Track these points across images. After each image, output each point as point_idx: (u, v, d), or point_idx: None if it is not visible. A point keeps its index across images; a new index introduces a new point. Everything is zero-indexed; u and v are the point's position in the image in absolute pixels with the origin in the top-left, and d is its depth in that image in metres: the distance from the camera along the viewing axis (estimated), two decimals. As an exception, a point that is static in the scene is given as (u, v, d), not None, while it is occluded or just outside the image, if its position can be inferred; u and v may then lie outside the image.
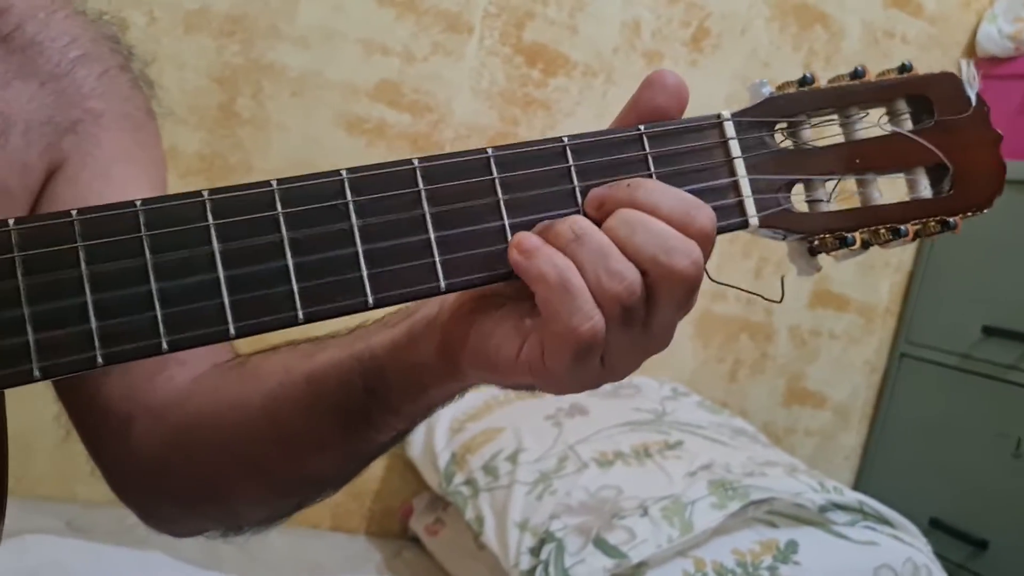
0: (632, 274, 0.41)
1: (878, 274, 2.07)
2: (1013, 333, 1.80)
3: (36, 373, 0.39)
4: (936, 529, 1.84)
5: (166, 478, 0.59)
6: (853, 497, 1.29)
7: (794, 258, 0.48)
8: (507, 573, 1.24)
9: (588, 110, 1.78)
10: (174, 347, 0.40)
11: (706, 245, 0.42)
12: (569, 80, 1.77)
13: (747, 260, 1.90)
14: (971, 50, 2.06)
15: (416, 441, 1.57)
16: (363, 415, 0.51)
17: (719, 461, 1.34)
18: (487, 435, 1.48)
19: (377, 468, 1.73)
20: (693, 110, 0.48)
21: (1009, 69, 1.96)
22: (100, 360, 0.40)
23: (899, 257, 2.09)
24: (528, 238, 0.42)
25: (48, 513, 1.42)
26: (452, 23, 1.68)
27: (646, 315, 0.42)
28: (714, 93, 1.87)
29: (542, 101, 1.76)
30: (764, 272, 1.91)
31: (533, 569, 1.16)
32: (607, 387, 0.50)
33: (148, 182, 0.60)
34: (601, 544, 1.15)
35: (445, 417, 1.57)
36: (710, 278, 0.46)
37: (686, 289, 0.42)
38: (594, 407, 1.52)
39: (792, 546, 1.21)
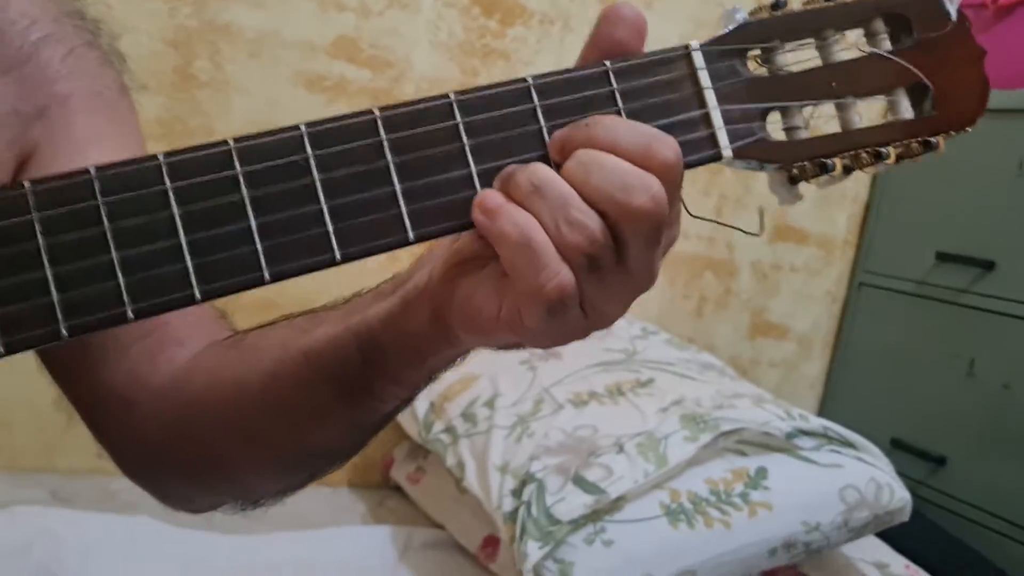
0: (593, 221, 0.40)
1: (835, 206, 2.12)
2: (965, 258, 1.86)
3: (0, 349, 0.38)
4: (897, 449, 1.92)
5: (173, 458, 0.59)
6: (818, 423, 1.34)
7: (775, 188, 0.47)
8: (490, 515, 1.28)
9: (547, 58, 1.79)
10: (140, 314, 0.39)
11: (670, 177, 0.41)
12: (527, 29, 1.77)
13: (707, 199, 1.94)
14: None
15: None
16: (364, 386, 0.50)
17: (689, 396, 1.38)
18: (464, 383, 1.52)
19: (356, 421, 1.76)
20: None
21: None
22: (65, 332, 0.39)
23: (855, 189, 2.14)
24: (490, 197, 0.41)
25: (31, 484, 1.43)
26: (406, -25, 1.67)
27: (617, 258, 0.41)
28: (669, 35, 1.88)
29: (501, 51, 1.76)
30: (724, 210, 1.95)
31: (516, 510, 1.20)
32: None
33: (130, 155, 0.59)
34: (580, 482, 1.19)
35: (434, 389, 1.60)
36: (689, 212, 0.45)
37: (651, 226, 0.40)
38: (567, 350, 1.56)
39: (762, 472, 1.26)
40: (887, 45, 0.47)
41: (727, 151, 0.45)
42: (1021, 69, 1.81)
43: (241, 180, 0.40)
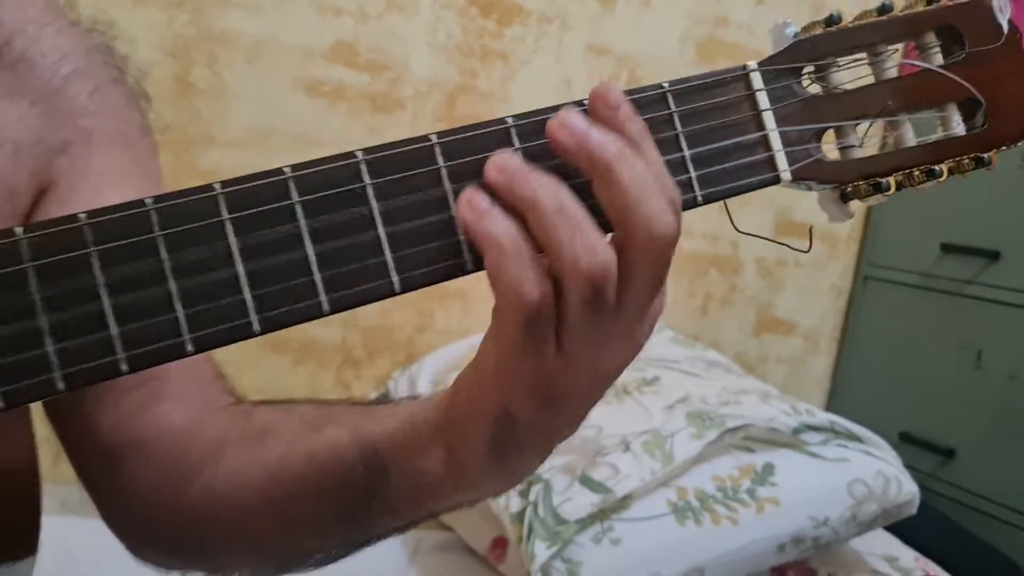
0: (607, 252, 0.38)
1: (838, 200, 2.11)
2: (969, 248, 1.85)
3: (60, 385, 0.37)
4: (906, 442, 1.91)
5: (156, 526, 0.58)
6: (824, 418, 1.33)
7: (825, 205, 0.47)
8: (497, 516, 1.28)
9: (545, 57, 1.79)
10: (200, 347, 0.38)
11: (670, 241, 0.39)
12: (524, 28, 1.77)
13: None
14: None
15: (400, 395, 1.60)
16: (364, 506, 0.49)
17: (695, 393, 1.38)
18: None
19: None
20: (649, 51, 0.46)
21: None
22: (125, 367, 0.37)
23: (858, 182, 2.13)
24: (479, 199, 0.39)
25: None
26: (403, -22, 1.67)
27: (618, 296, 0.39)
28: (669, 32, 1.88)
29: (499, 52, 1.76)
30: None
31: (523, 511, 1.20)
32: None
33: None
34: (587, 481, 1.19)
35: (427, 370, 1.60)
36: (736, 228, 0.46)
37: (663, 261, 0.39)
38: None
39: (769, 468, 1.26)
40: (939, 59, 0.47)
41: (786, 174, 0.44)
42: None
43: (298, 210, 0.39)
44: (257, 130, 1.61)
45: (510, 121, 0.41)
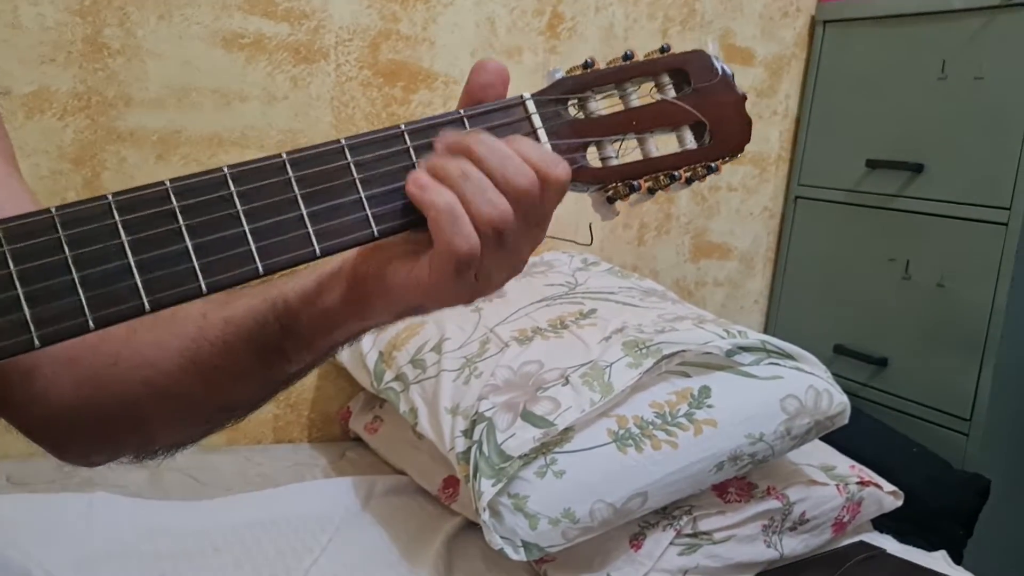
0: (503, 203, 0.50)
1: (767, 123, 2.14)
2: (894, 163, 1.90)
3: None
4: (841, 355, 1.98)
5: (82, 415, 0.63)
6: (756, 338, 1.37)
7: (596, 206, 0.59)
8: (446, 456, 1.31)
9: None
10: (99, 324, 0.47)
11: (558, 186, 0.52)
12: (442, -32, 1.75)
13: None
14: None
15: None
16: (279, 350, 0.58)
17: (631, 323, 1.40)
18: (411, 330, 1.53)
19: (311, 378, 1.78)
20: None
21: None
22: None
23: (785, 104, 2.16)
24: (423, 176, 0.51)
25: (-15, 472, 1.43)
26: (314, -77, 1.63)
27: (512, 236, 0.51)
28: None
29: (418, -7, 1.74)
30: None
31: (468, 450, 1.22)
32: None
33: (2, 154, 0.62)
34: (528, 417, 1.22)
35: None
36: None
37: (536, 214, 0.52)
38: (510, 289, 1.57)
39: (705, 391, 1.29)
40: (672, 92, 0.60)
41: None
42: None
43: (178, 212, 0.49)
44: (176, 89, 1.58)
45: (343, 141, 0.52)
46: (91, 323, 0.47)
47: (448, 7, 1.76)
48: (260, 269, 0.50)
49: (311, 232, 0.51)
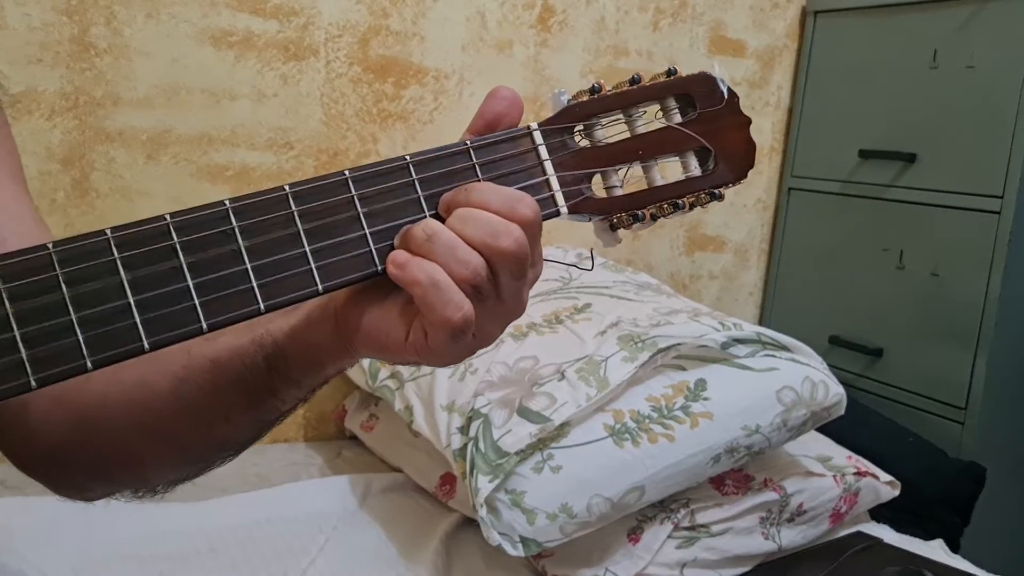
0: (475, 259, 0.49)
1: (759, 115, 2.14)
2: (886, 153, 1.89)
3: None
4: (836, 346, 1.98)
5: (75, 453, 0.62)
6: (751, 330, 1.37)
7: (599, 234, 0.58)
8: (442, 454, 1.30)
9: (455, -8, 1.76)
10: (98, 365, 0.46)
11: (531, 228, 0.50)
12: (431, -37, 1.74)
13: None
14: None
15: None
16: (268, 389, 0.57)
17: (626, 317, 1.40)
18: (405, 328, 1.52)
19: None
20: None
21: None
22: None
23: (778, 96, 2.15)
24: (399, 253, 0.50)
25: (-20, 476, 1.42)
26: (301, -81, 1.62)
27: (495, 290, 0.50)
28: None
29: (407, -12, 1.73)
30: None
31: (464, 447, 1.22)
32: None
33: (8, 173, 0.62)
34: (525, 412, 1.21)
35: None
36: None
37: (517, 262, 0.50)
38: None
39: (701, 384, 1.29)
40: (678, 117, 0.58)
41: (563, 208, 0.56)
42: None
43: (178, 248, 0.48)
44: (165, 88, 1.57)
45: (347, 173, 0.51)
46: (89, 364, 0.45)
47: (438, 1, 1.75)
48: (262, 308, 0.49)
49: (314, 269, 0.50)
